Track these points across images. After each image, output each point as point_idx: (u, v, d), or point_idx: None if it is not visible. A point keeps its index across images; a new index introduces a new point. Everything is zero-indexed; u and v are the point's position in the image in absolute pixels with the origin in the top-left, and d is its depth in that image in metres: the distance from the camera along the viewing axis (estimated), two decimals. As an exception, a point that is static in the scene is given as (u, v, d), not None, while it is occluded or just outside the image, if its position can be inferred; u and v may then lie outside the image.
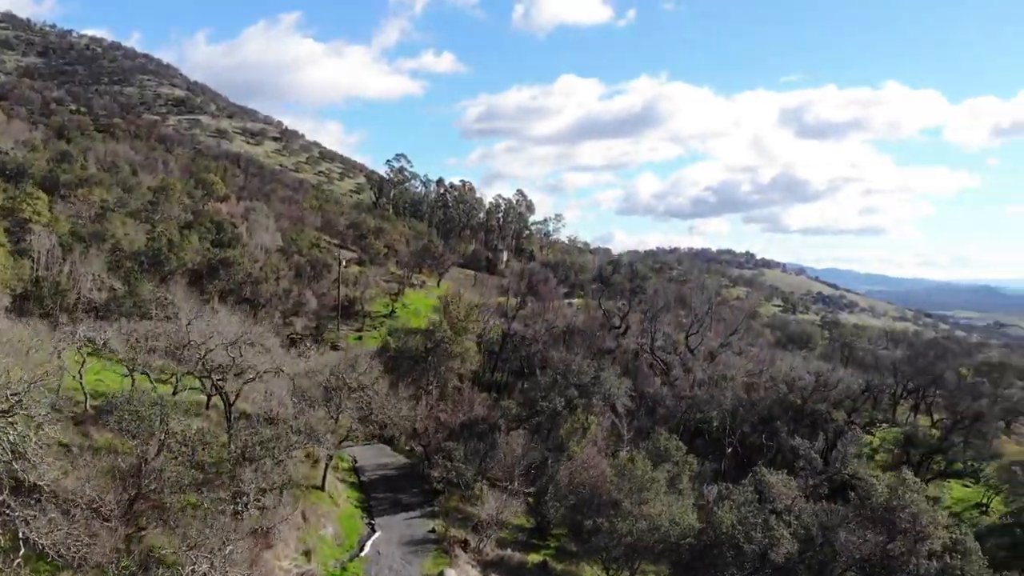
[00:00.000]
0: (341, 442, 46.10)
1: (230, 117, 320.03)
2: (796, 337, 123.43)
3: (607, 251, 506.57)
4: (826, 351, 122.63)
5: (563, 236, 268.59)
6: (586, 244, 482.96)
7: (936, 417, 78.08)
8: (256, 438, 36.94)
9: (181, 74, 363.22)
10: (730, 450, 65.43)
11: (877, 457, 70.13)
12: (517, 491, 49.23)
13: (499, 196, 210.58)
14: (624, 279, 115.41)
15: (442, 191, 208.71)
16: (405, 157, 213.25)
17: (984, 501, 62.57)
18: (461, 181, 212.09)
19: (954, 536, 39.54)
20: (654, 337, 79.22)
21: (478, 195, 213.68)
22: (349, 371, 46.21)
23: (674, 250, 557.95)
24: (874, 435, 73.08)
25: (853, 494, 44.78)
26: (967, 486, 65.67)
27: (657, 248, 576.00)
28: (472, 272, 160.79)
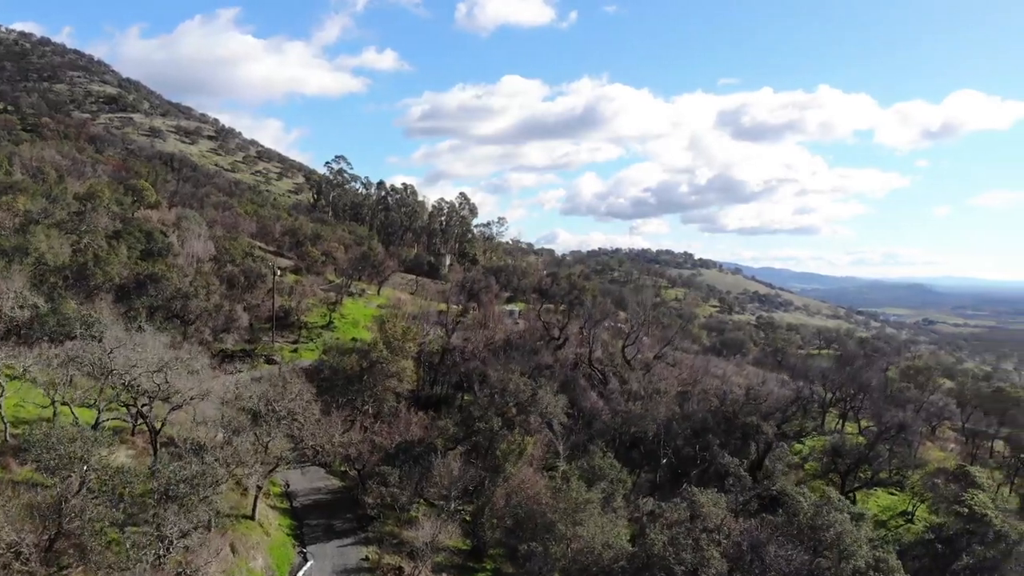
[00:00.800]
0: (271, 471, 45.29)
1: (164, 115, 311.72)
2: (730, 343, 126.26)
3: (551, 251, 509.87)
4: (759, 356, 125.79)
5: (507, 237, 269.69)
6: (530, 245, 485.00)
7: (864, 424, 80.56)
8: (181, 474, 35.88)
9: (113, 71, 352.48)
10: (665, 461, 66.43)
11: (807, 466, 72.01)
12: (454, 512, 49.08)
13: (442, 199, 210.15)
14: (563, 290, 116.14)
15: (383, 193, 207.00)
16: (344, 159, 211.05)
17: (909, 509, 64.78)
18: (403, 184, 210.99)
19: (877, 555, 40.79)
20: (592, 348, 79.97)
21: (420, 197, 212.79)
22: (278, 398, 45.32)
23: (616, 251, 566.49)
24: (804, 443, 75.07)
25: (781, 510, 45.83)
26: (893, 494, 67.89)
27: (599, 248, 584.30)
28: (414, 277, 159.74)
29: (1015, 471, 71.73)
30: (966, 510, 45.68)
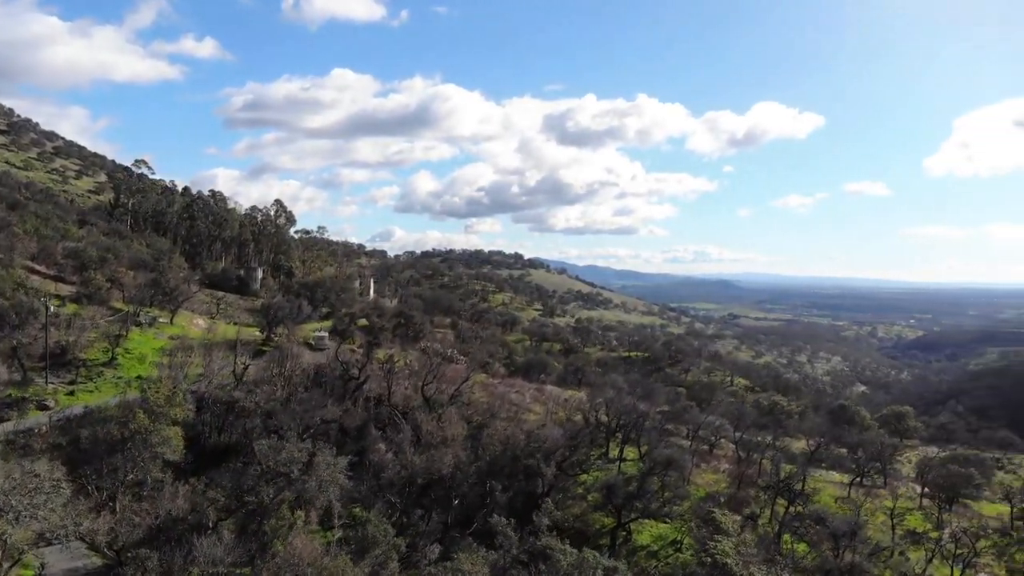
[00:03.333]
0: (12, 565, 42.10)
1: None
2: (535, 364, 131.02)
3: (383, 253, 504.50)
4: (563, 374, 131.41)
5: (338, 237, 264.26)
6: (361, 246, 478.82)
7: (644, 449, 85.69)
8: None
9: None
10: (457, 502, 67.94)
11: (590, 497, 75.85)
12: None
13: (255, 207, 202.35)
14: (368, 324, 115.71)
15: (189, 200, 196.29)
16: (146, 163, 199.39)
17: (679, 538, 69.85)
18: (211, 191, 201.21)
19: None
20: (391, 388, 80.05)
21: (231, 204, 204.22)
22: (17, 489, 42.04)
23: (450, 251, 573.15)
24: (589, 474, 79.06)
25: (544, 566, 48.29)
26: (666, 522, 72.83)
27: (433, 249, 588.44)
28: (222, 294, 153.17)
29: (775, 493, 78.36)
30: (709, 559, 50.06)
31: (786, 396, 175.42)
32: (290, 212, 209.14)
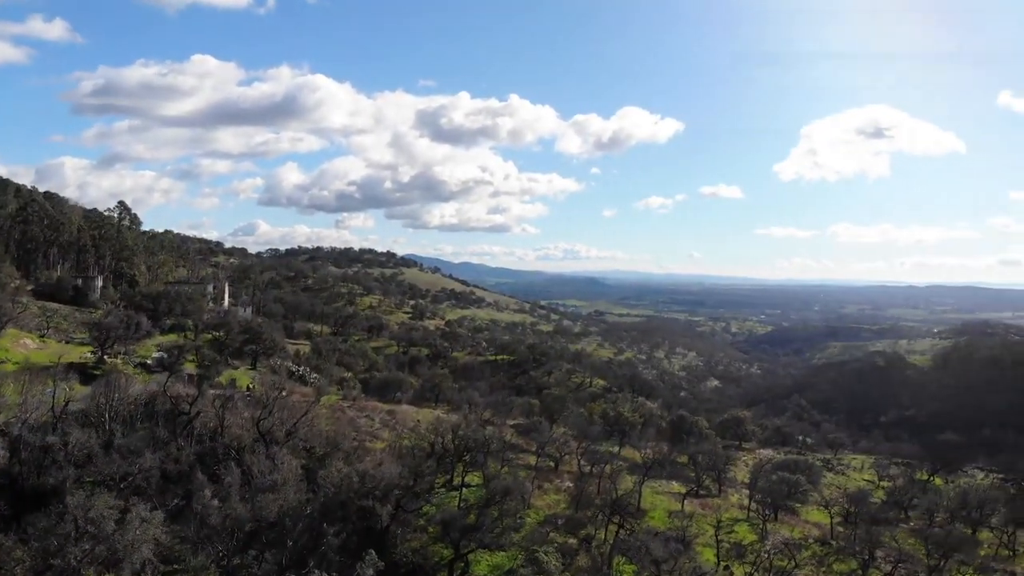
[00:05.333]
0: None
1: None
2: (391, 381, 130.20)
3: (243, 251, 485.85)
4: (419, 390, 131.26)
5: (190, 232, 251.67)
6: (219, 244, 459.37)
7: (485, 477, 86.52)
8: None
9: None
10: (291, 543, 66.60)
11: (430, 529, 76.00)
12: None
13: (96, 209, 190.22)
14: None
15: (23, 203, 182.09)
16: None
17: (515, 567, 71.03)
18: (46, 192, 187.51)
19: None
20: (225, 424, 77.13)
21: (72, 202, 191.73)
22: None
23: (318, 248, 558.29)
24: (432, 504, 79.23)
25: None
26: (503, 551, 73.98)
27: (300, 247, 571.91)
28: (56, 306, 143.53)
29: (609, 513, 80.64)
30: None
31: (641, 396, 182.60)
32: (135, 214, 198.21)
